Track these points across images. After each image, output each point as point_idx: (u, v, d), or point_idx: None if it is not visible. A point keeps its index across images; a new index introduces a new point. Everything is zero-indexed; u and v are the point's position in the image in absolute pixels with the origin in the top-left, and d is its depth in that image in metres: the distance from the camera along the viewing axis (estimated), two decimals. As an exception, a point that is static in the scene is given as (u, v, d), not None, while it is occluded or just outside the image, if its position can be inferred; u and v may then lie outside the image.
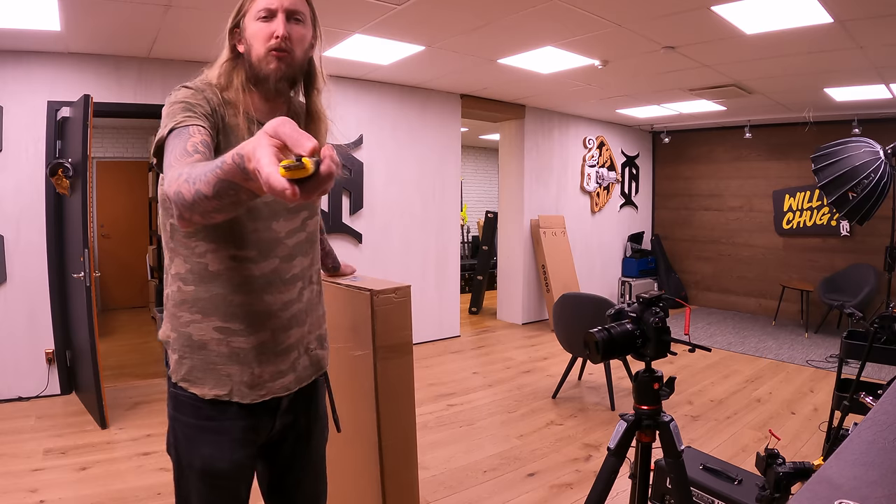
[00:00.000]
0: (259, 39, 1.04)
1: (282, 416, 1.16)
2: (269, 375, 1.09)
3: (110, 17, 2.96)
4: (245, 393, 1.07)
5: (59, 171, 3.34)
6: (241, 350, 1.06)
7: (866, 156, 2.85)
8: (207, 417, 1.07)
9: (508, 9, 2.99)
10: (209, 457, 1.06)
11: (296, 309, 1.12)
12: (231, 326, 1.05)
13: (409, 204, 5.13)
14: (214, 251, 1.03)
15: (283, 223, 1.09)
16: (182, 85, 1.04)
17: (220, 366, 1.06)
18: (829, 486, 0.61)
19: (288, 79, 1.07)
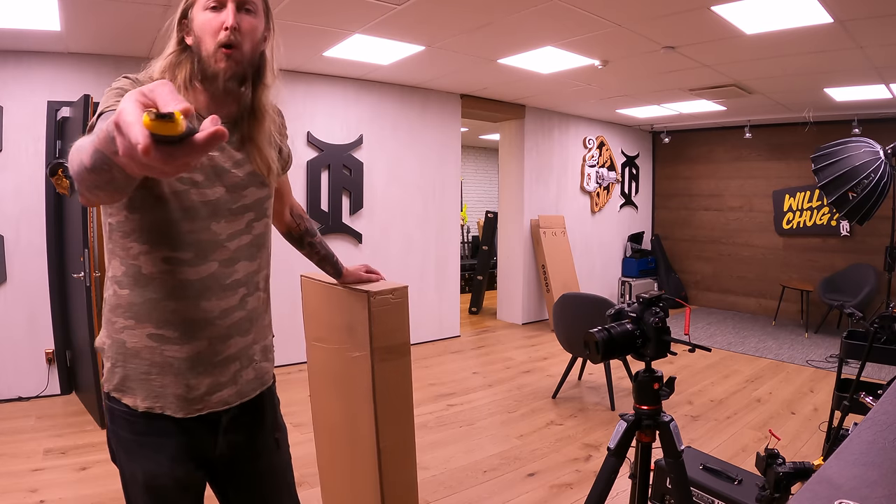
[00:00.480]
0: (208, 32, 0.97)
1: (226, 434, 1.08)
2: (206, 388, 1.02)
3: (110, 17, 2.96)
4: (179, 406, 1.00)
5: (59, 171, 3.33)
6: (175, 360, 0.99)
7: (866, 156, 2.85)
8: (142, 432, 1.01)
9: (508, 9, 2.99)
10: (150, 472, 1.01)
11: (237, 317, 1.05)
12: (165, 334, 0.98)
13: (410, 204, 5.13)
14: (148, 252, 0.97)
15: (225, 224, 1.02)
16: (123, 75, 0.99)
17: (153, 376, 0.99)
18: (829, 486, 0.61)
19: (237, 77, 1.01)
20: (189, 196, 0.97)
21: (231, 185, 1.03)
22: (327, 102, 4.60)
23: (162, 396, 0.99)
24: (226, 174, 1.03)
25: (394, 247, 5.03)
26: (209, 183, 1.00)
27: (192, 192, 0.98)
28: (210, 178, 1.00)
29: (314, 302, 1.87)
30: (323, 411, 1.97)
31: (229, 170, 1.03)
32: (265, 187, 1.10)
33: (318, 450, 2.03)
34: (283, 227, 1.44)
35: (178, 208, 0.97)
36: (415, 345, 5.13)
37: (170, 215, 0.96)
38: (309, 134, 4.48)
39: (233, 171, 1.04)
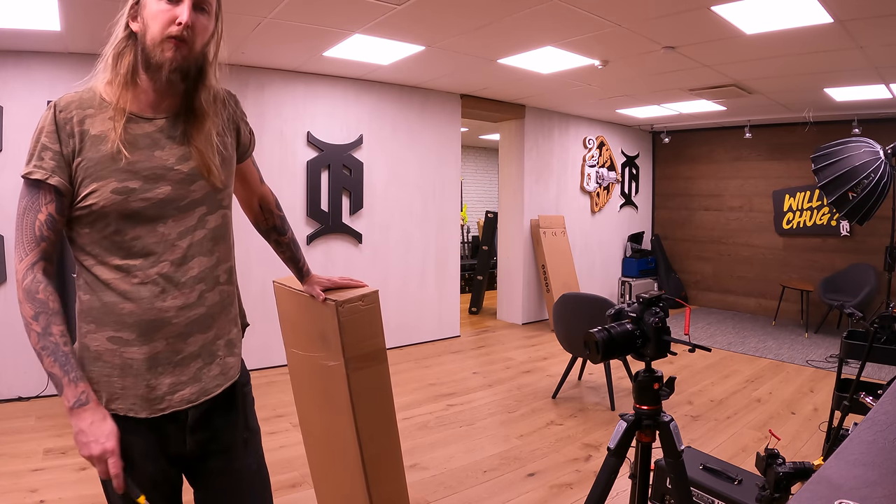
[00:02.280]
0: (158, 22, 0.96)
1: (193, 432, 1.07)
2: (168, 387, 1.02)
3: (110, 17, 2.94)
4: (141, 407, 1.01)
5: (58, 171, 3.33)
6: (135, 361, 1.00)
7: (866, 156, 2.85)
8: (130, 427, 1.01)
9: (508, 9, 2.99)
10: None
11: (196, 314, 1.04)
12: (123, 336, 1.00)
13: (409, 204, 5.13)
14: (101, 263, 1.00)
15: (172, 224, 1.02)
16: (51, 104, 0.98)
17: (114, 378, 1.00)
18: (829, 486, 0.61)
19: (182, 70, 0.99)
20: (128, 204, 0.98)
21: (177, 181, 1.02)
22: (327, 102, 4.60)
23: (124, 398, 1.01)
24: (170, 171, 1.01)
25: (394, 247, 5.03)
26: (150, 186, 0.99)
27: (131, 200, 0.98)
28: (150, 180, 1.00)
29: (288, 308, 1.82)
30: (307, 418, 1.94)
31: (173, 166, 1.02)
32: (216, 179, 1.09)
33: (308, 454, 2.01)
34: (251, 217, 1.40)
35: (120, 218, 0.98)
36: (415, 345, 5.13)
37: (113, 226, 0.98)
38: (309, 134, 4.48)
39: (177, 167, 1.02)
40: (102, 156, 0.97)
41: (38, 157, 0.96)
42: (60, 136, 0.96)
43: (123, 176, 0.97)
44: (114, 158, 0.97)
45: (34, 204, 0.97)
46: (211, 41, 1.04)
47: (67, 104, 0.98)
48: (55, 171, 0.96)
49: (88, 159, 0.97)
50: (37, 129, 0.98)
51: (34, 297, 0.97)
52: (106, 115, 0.98)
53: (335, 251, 4.67)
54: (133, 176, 0.98)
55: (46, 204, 0.97)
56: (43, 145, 0.96)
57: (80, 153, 0.97)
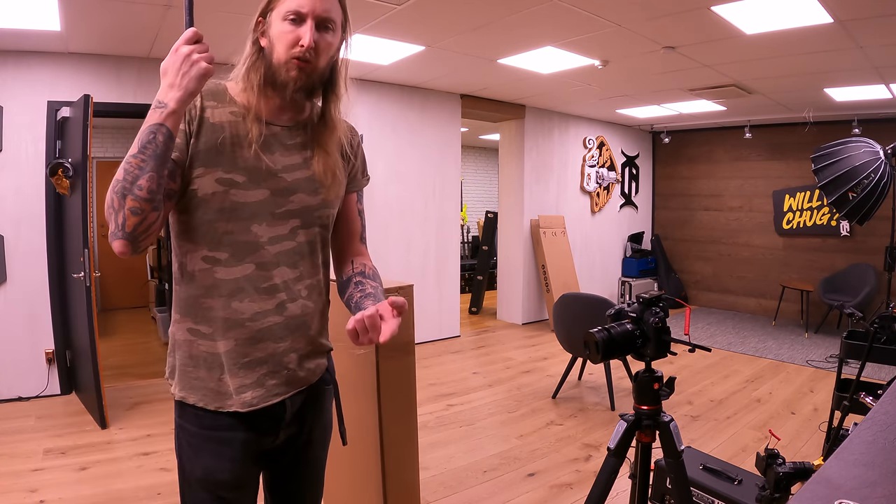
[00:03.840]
0: (283, 43, 0.98)
1: (286, 427, 1.11)
2: (236, 388, 1.03)
3: (110, 17, 2.96)
4: (211, 399, 1.03)
5: (59, 171, 3.34)
6: (208, 355, 1.02)
7: (866, 156, 2.85)
8: (209, 427, 1.04)
9: (508, 9, 2.99)
10: (211, 468, 1.04)
11: (271, 322, 1.03)
12: (200, 329, 1.02)
13: (410, 204, 5.14)
14: (192, 251, 1.01)
15: (266, 227, 1.03)
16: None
17: (189, 368, 1.04)
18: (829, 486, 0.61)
19: (306, 89, 1.02)
20: (228, 197, 0.99)
21: (277, 189, 1.03)
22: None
23: (196, 389, 1.03)
24: (273, 177, 1.03)
25: (394, 247, 5.03)
26: (251, 185, 1.01)
27: (231, 193, 0.99)
28: (254, 179, 1.01)
29: None
30: None
31: (278, 173, 1.04)
32: (317, 196, 1.08)
33: None
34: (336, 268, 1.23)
35: (217, 209, 0.99)
36: (415, 345, 5.13)
37: (210, 215, 0.99)
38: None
39: (281, 174, 1.04)
40: (214, 144, 0.99)
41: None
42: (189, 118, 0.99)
43: (229, 168, 0.99)
44: (226, 150, 0.99)
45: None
46: (338, 54, 1.07)
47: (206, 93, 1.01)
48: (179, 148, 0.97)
49: (202, 143, 0.99)
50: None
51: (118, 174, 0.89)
52: (227, 110, 1.01)
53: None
54: (239, 171, 1.00)
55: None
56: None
57: (195, 136, 0.99)
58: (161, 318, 5.12)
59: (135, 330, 5.80)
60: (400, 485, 1.71)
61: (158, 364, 4.45)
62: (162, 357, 4.66)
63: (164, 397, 3.66)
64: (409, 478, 1.76)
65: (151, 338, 5.40)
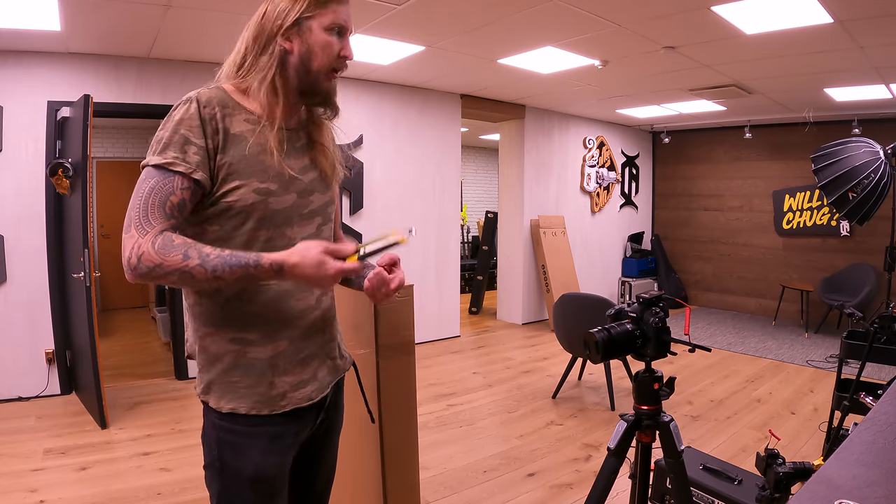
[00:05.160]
0: (328, 53, 1.02)
1: (322, 416, 1.17)
2: (290, 386, 1.06)
3: (110, 17, 2.96)
4: (263, 404, 1.04)
5: (59, 171, 3.34)
6: (258, 360, 1.03)
7: (866, 156, 2.85)
8: (260, 427, 1.05)
9: (508, 9, 2.99)
10: (262, 465, 1.04)
11: (314, 316, 1.10)
12: (246, 337, 1.02)
13: (410, 204, 5.14)
14: None
15: (297, 229, 1.07)
16: (191, 98, 0.98)
17: (235, 378, 1.03)
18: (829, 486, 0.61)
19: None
20: (268, 206, 1.01)
21: (300, 192, 1.07)
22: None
23: (246, 397, 1.03)
24: (295, 181, 1.06)
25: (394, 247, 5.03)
26: (283, 191, 1.03)
27: (269, 202, 1.01)
28: (284, 185, 1.04)
29: None
30: None
31: (297, 176, 1.06)
32: (328, 191, 1.14)
33: None
34: None
35: (257, 218, 1.01)
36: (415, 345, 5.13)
37: (250, 225, 1.00)
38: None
39: (300, 176, 1.07)
40: (245, 155, 0.99)
41: (179, 150, 0.95)
42: (205, 131, 0.97)
43: (263, 177, 1.00)
44: (255, 159, 1.00)
45: (166, 187, 0.94)
46: None
47: (209, 100, 0.99)
48: (199, 166, 0.96)
49: (232, 156, 0.98)
50: (173, 119, 0.97)
51: (173, 245, 0.90)
52: (241, 117, 1.01)
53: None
54: (271, 179, 1.01)
55: (182, 189, 0.95)
56: (185, 138, 0.95)
57: (223, 150, 0.98)
58: (161, 318, 5.12)
59: (135, 330, 5.80)
60: (400, 485, 1.71)
61: (158, 364, 4.45)
62: (162, 357, 4.66)
63: (164, 397, 3.66)
64: (409, 478, 1.76)
65: (151, 338, 5.40)
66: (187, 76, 3.83)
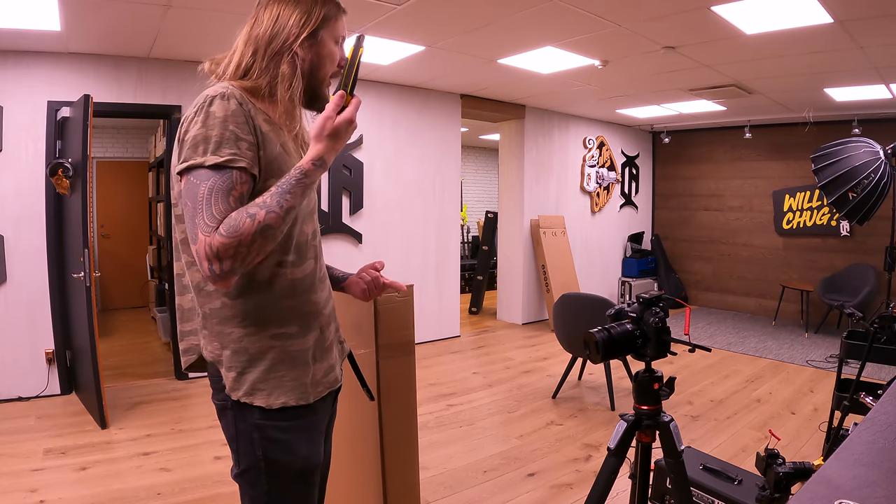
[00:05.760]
0: (333, 62, 1.12)
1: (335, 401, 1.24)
2: (323, 372, 1.12)
3: (110, 17, 2.96)
4: (310, 394, 1.08)
5: (59, 171, 3.34)
6: (300, 352, 1.07)
7: (866, 156, 2.85)
8: (302, 418, 1.08)
9: (508, 9, 2.99)
10: (308, 455, 1.08)
11: (330, 305, 1.19)
12: (287, 331, 1.05)
13: (410, 204, 5.14)
14: (262, 260, 1.01)
15: (309, 225, 1.12)
16: (224, 94, 0.96)
17: (281, 372, 1.04)
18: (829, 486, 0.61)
19: None
20: None
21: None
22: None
23: (294, 389, 1.05)
24: None
25: (394, 247, 5.03)
26: None
27: None
28: None
29: None
30: None
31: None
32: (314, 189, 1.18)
33: None
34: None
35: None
36: (415, 345, 5.13)
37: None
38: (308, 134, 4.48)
39: None
40: (276, 153, 1.03)
41: (234, 146, 0.94)
42: (250, 127, 0.98)
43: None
44: (280, 159, 1.03)
45: (225, 184, 0.92)
46: None
47: (242, 97, 0.99)
48: (254, 161, 0.97)
49: (269, 153, 1.01)
50: (215, 116, 0.94)
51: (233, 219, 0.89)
52: (261, 118, 1.03)
53: (335, 251, 4.67)
54: None
55: (241, 184, 0.95)
56: (235, 134, 0.95)
57: (262, 146, 1.00)
58: (161, 318, 5.12)
59: (135, 330, 5.80)
60: (400, 485, 1.71)
61: (158, 364, 4.45)
62: (162, 357, 4.66)
63: (164, 397, 3.66)
64: (409, 478, 1.76)
65: (151, 338, 5.40)
66: (187, 76, 3.83)
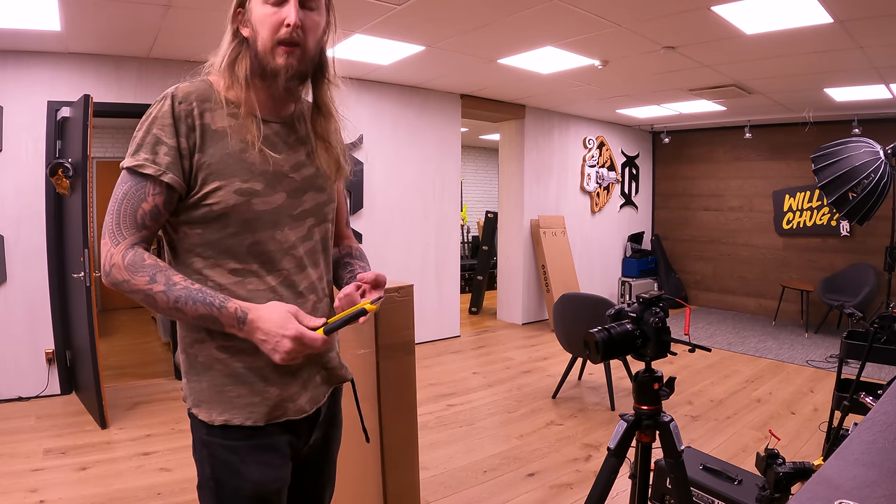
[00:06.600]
0: (267, 27, 0.92)
1: (317, 429, 1.10)
2: (283, 396, 0.99)
3: (110, 17, 2.96)
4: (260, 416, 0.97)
5: (59, 171, 3.34)
6: (249, 370, 0.97)
7: (866, 156, 2.85)
8: (255, 439, 0.98)
9: (508, 9, 2.99)
10: (260, 481, 0.98)
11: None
12: (236, 345, 0.95)
13: (410, 204, 5.14)
14: (215, 266, 0.95)
15: (288, 231, 1.00)
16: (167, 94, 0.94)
17: (227, 388, 0.96)
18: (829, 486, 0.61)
19: (299, 76, 0.96)
20: (251, 207, 0.95)
21: (291, 191, 1.00)
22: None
23: (239, 408, 0.96)
24: (284, 179, 0.99)
25: (394, 247, 5.03)
26: (269, 190, 0.97)
27: (253, 203, 0.95)
28: (270, 184, 0.97)
29: None
30: None
31: (288, 174, 1.00)
32: (324, 191, 1.06)
33: None
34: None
35: (241, 220, 0.94)
36: (415, 345, 5.13)
37: (233, 228, 0.94)
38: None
39: (291, 174, 1.01)
40: (226, 153, 0.93)
41: (150, 150, 0.90)
42: (178, 129, 0.92)
43: (247, 176, 0.94)
44: (237, 157, 0.94)
45: (138, 192, 0.91)
46: (325, 36, 1.01)
47: (186, 95, 0.94)
48: (170, 167, 0.91)
49: (211, 155, 0.93)
50: (148, 117, 0.93)
51: (143, 265, 0.88)
52: (226, 112, 0.95)
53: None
54: (256, 177, 0.95)
55: (154, 195, 0.91)
56: (156, 138, 0.91)
57: (200, 148, 0.93)
58: (161, 318, 5.12)
59: (135, 330, 5.80)
60: (400, 485, 1.71)
61: (158, 364, 4.45)
62: (162, 357, 4.65)
63: (164, 397, 3.66)
64: (409, 478, 1.77)
65: (151, 338, 5.40)
66: (187, 76, 3.82)
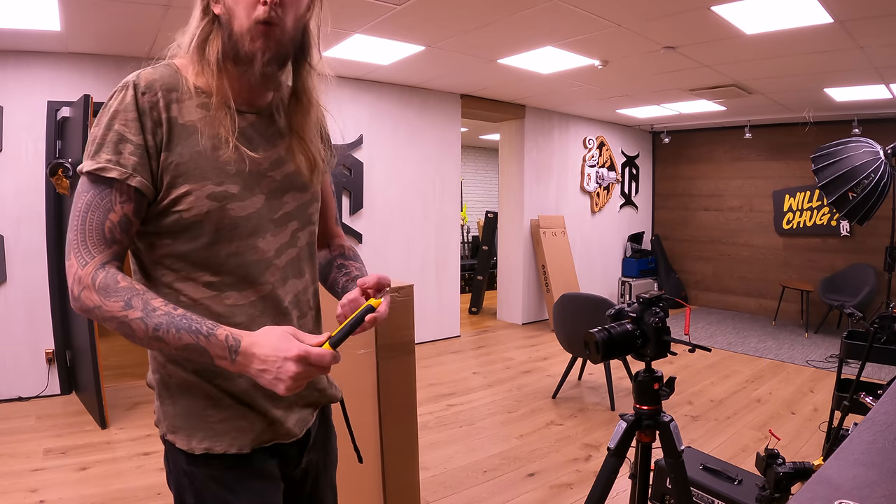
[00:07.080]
0: (242, 5, 0.79)
1: (308, 453, 1.01)
2: (269, 419, 0.90)
3: (110, 17, 2.96)
4: (245, 442, 0.88)
5: (59, 171, 3.34)
6: (231, 392, 0.87)
7: (866, 156, 2.85)
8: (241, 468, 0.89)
9: (508, 9, 2.99)
10: None
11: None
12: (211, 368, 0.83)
13: (409, 204, 5.14)
14: (187, 278, 0.85)
15: (271, 239, 0.88)
16: (128, 83, 0.82)
17: (208, 411, 0.87)
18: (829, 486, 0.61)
19: (278, 60, 0.83)
20: (226, 213, 0.83)
21: (270, 192, 0.89)
22: (327, 102, 4.59)
23: (221, 434, 0.86)
24: (264, 178, 0.88)
25: (394, 247, 5.03)
26: (247, 193, 0.86)
27: (228, 209, 0.83)
28: (248, 186, 0.86)
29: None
30: None
31: (266, 172, 0.89)
32: (307, 190, 0.95)
33: None
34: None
35: (214, 229, 0.83)
36: (415, 345, 5.13)
37: (206, 238, 0.83)
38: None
39: (270, 173, 0.89)
40: (196, 152, 0.81)
41: (113, 150, 0.78)
42: (144, 125, 0.79)
43: (220, 178, 0.83)
44: (209, 156, 0.82)
45: (104, 201, 0.79)
46: (308, 13, 0.88)
47: (150, 84, 0.82)
48: (137, 169, 0.78)
49: (179, 154, 0.81)
50: (106, 111, 0.80)
51: (116, 288, 0.76)
52: (196, 103, 0.83)
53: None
54: (230, 178, 0.84)
55: (122, 203, 0.79)
56: (119, 135, 0.79)
57: (167, 146, 0.80)
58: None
59: (135, 330, 5.79)
60: (400, 485, 1.71)
61: (158, 364, 4.45)
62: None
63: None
64: (409, 478, 1.76)
65: (151, 338, 5.40)
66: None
